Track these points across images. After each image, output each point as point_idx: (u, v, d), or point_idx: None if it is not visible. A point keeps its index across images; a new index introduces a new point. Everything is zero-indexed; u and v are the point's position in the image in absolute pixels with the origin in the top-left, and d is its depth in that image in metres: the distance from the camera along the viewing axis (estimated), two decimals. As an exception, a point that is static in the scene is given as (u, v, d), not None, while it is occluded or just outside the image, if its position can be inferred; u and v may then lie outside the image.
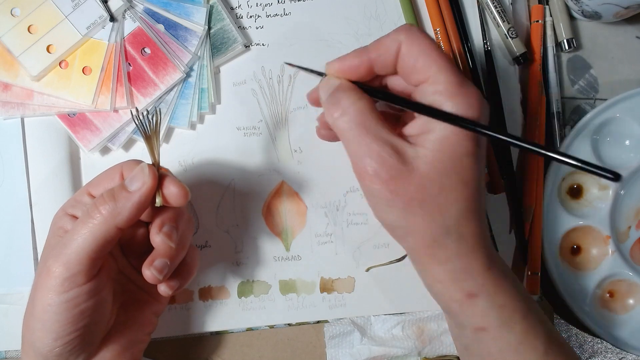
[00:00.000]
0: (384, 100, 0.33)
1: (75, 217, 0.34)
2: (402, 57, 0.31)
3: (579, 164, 0.28)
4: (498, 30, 0.45)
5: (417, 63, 0.30)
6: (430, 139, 0.30)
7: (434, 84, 0.30)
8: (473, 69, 0.45)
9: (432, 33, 0.45)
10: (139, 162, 0.34)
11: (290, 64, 0.37)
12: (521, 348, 0.31)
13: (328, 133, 0.37)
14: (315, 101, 0.36)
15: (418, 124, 0.31)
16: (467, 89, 0.30)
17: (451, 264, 0.31)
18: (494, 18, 0.45)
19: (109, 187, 0.33)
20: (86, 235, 0.31)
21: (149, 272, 0.32)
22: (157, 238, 0.33)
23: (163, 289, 0.34)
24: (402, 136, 0.31)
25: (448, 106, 0.29)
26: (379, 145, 0.30)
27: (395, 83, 0.34)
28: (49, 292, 0.31)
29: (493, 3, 0.45)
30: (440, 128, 0.30)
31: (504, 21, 0.45)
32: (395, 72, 0.33)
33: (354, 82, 0.33)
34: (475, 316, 0.31)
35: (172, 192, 0.32)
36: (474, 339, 0.32)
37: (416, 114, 0.31)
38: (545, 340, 0.32)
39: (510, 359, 0.32)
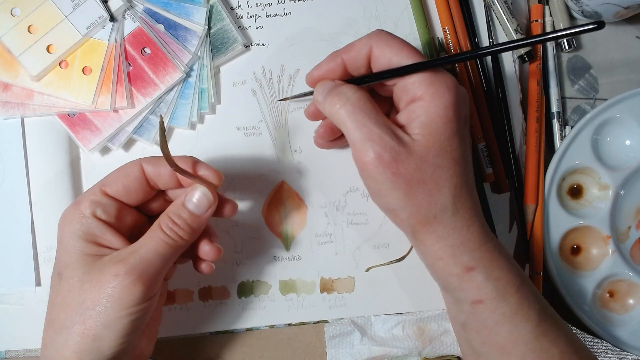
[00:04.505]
0: (373, 80, 0.35)
1: (96, 217, 0.33)
2: (376, 59, 0.34)
3: (561, 33, 0.31)
4: (503, 28, 0.45)
5: (391, 62, 0.33)
6: (418, 124, 0.33)
7: (412, 77, 0.33)
8: (480, 67, 0.45)
9: (440, 32, 0.45)
10: (158, 158, 0.34)
11: (284, 99, 0.43)
12: (516, 319, 0.33)
13: (325, 142, 0.41)
14: (312, 115, 0.40)
15: (404, 115, 0.34)
16: (442, 76, 0.33)
17: (450, 238, 0.33)
18: (500, 16, 0.45)
19: (127, 184, 0.34)
20: (169, 256, 0.33)
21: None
22: (208, 247, 0.36)
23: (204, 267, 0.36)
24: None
25: (428, 92, 0.32)
26: (380, 129, 0.32)
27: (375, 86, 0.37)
28: (130, 304, 0.31)
29: (499, 3, 0.45)
30: (424, 113, 0.33)
31: (509, 20, 0.45)
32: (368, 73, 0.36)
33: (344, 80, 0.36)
34: (472, 289, 0.33)
35: (208, 176, 0.34)
36: (471, 313, 0.34)
37: (401, 107, 0.35)
38: (538, 311, 0.34)
39: (506, 329, 0.33)
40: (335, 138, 0.41)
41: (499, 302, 0.33)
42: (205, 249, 0.35)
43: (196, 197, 0.34)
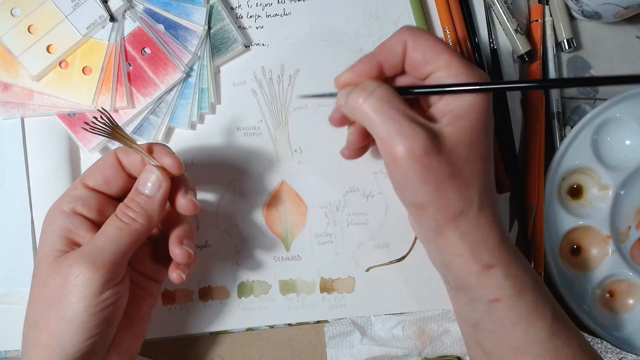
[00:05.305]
0: (413, 94, 0.34)
1: (77, 213, 0.34)
2: (410, 53, 0.34)
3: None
4: (503, 28, 0.45)
5: (426, 56, 0.33)
6: (452, 117, 0.32)
7: (447, 70, 0.33)
8: (480, 67, 0.45)
9: (440, 32, 0.45)
10: (128, 144, 0.34)
11: (305, 96, 0.42)
12: (532, 317, 0.33)
13: (355, 151, 0.40)
14: (337, 121, 0.38)
15: (438, 108, 0.33)
16: (477, 71, 0.33)
17: (472, 235, 0.33)
18: (500, 16, 0.45)
19: (106, 173, 0.34)
20: (123, 240, 0.32)
21: (179, 250, 0.35)
22: (183, 200, 0.35)
23: (175, 276, 0.36)
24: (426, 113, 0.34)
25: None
26: (409, 122, 0.31)
27: (402, 83, 0.36)
28: (86, 295, 0.31)
29: (499, 3, 0.45)
30: (459, 107, 0.32)
31: (509, 19, 0.45)
32: (402, 72, 0.35)
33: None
34: (491, 287, 0.33)
35: (167, 163, 0.34)
36: (487, 312, 0.34)
37: (434, 100, 0.34)
38: (552, 310, 0.34)
39: (522, 328, 0.33)
40: (364, 145, 0.39)
41: (517, 300, 0.33)
42: (176, 252, 0.35)
43: (144, 176, 0.34)
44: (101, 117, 0.34)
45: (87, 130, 0.34)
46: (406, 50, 0.34)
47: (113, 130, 0.34)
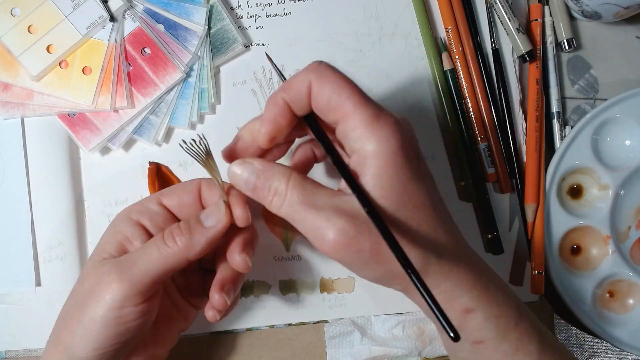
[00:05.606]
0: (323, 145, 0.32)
1: (140, 225, 0.34)
2: (315, 96, 0.30)
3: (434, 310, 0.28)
4: (504, 27, 0.45)
5: (330, 102, 0.30)
6: (367, 180, 0.30)
7: (351, 122, 0.30)
8: (483, 67, 0.45)
9: (443, 31, 0.45)
10: (214, 176, 0.33)
11: (269, 57, 0.38)
12: (518, 354, 0.32)
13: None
14: (228, 157, 0.35)
15: (354, 160, 0.31)
16: (384, 120, 0.30)
17: (442, 286, 0.31)
18: (502, 15, 0.45)
19: (182, 198, 0.34)
20: (157, 261, 0.31)
21: (218, 296, 0.34)
22: (239, 257, 0.33)
23: (211, 314, 0.34)
24: (340, 190, 0.31)
25: (372, 142, 0.29)
26: (327, 213, 0.30)
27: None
28: (105, 305, 0.31)
29: (500, 2, 0.45)
30: (372, 166, 0.29)
31: (511, 19, 0.45)
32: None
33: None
34: (473, 330, 0.32)
35: (237, 213, 0.33)
36: (472, 352, 0.33)
37: (347, 149, 0.31)
38: (538, 344, 0.32)
39: None
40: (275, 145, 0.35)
41: (500, 341, 0.32)
42: (214, 297, 0.34)
43: (210, 209, 0.33)
44: (200, 142, 0.33)
45: (182, 148, 0.32)
46: (311, 91, 0.30)
47: (207, 158, 0.33)
